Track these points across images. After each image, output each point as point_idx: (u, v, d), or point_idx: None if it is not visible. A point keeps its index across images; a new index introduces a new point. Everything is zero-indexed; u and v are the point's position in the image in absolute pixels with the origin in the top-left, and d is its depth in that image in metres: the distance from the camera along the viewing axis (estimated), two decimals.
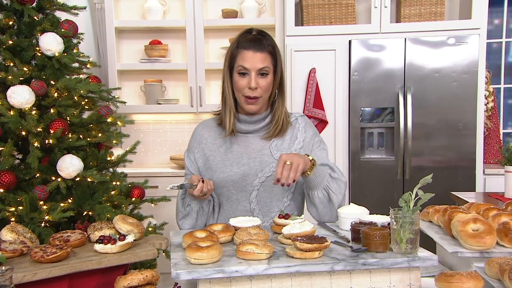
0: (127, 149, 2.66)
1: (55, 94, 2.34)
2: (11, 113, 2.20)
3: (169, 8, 3.92)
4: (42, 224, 2.20)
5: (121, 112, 3.46)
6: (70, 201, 2.32)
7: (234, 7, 3.86)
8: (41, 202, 2.23)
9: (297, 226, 1.35)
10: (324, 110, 3.44)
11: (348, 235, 1.38)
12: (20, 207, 2.17)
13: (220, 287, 1.16)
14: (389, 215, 1.29)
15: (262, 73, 1.65)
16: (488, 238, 1.30)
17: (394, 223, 1.23)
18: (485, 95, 3.55)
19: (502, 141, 3.89)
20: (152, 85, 3.90)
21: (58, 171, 2.26)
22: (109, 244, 1.34)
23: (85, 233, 1.48)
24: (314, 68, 3.44)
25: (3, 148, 2.23)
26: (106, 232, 1.45)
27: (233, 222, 1.46)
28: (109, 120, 2.55)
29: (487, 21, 3.43)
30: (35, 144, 2.20)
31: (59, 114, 2.37)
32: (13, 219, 2.18)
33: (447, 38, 3.37)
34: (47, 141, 2.26)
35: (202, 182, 1.58)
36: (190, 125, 4.00)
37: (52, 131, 2.26)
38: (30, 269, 1.23)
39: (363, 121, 3.45)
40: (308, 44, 3.46)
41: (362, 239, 1.26)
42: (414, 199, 1.24)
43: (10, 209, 2.17)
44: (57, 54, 2.34)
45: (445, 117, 3.40)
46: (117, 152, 2.62)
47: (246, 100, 1.67)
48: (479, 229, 1.33)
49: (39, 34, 2.36)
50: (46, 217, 2.17)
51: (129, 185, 2.66)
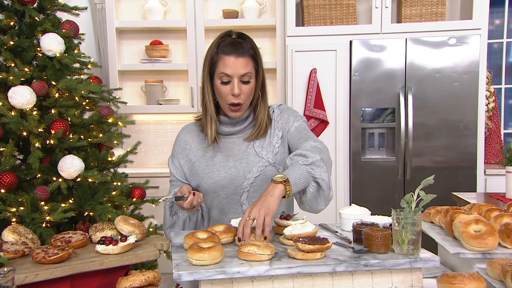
0: (128, 150, 2.66)
1: (56, 95, 2.34)
2: (12, 113, 2.20)
3: (170, 8, 3.92)
4: (43, 225, 2.20)
5: (122, 112, 3.46)
6: (71, 201, 2.32)
7: (234, 7, 3.86)
8: (42, 203, 2.23)
9: (299, 227, 1.35)
10: (325, 111, 3.44)
11: (350, 236, 1.38)
12: (21, 208, 2.17)
13: None
14: (390, 215, 1.29)
15: (245, 79, 1.61)
16: (490, 239, 1.30)
17: (396, 224, 1.23)
18: (486, 95, 3.55)
19: (503, 142, 3.89)
20: (153, 85, 3.90)
21: (59, 171, 2.26)
22: (110, 245, 1.34)
23: (86, 234, 1.48)
24: (315, 68, 3.44)
25: (4, 148, 2.23)
26: (108, 233, 1.45)
27: (235, 223, 1.46)
28: (110, 120, 2.55)
29: (488, 22, 3.43)
30: (36, 145, 2.20)
31: (60, 114, 2.37)
32: (14, 219, 2.18)
33: (448, 38, 3.37)
34: (48, 141, 2.26)
35: (193, 194, 1.55)
36: None
37: (53, 132, 2.26)
38: (32, 270, 1.23)
39: (364, 121, 3.45)
40: (309, 45, 3.46)
41: (364, 240, 1.26)
42: (416, 200, 1.24)
43: (11, 210, 2.17)
44: (58, 55, 2.34)
45: (446, 117, 3.40)
46: (118, 152, 2.62)
47: (230, 108, 1.63)
48: (481, 230, 1.33)
49: (40, 35, 2.36)
50: (47, 218, 2.17)
51: (130, 186, 2.66)
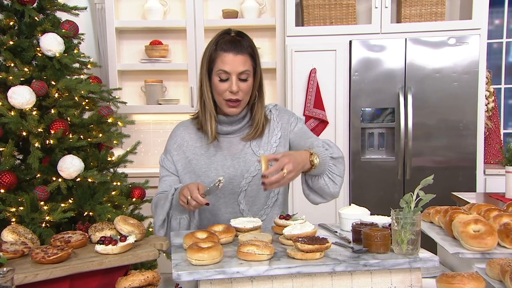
0: (128, 150, 2.66)
1: (56, 95, 2.34)
2: (12, 113, 2.20)
3: (170, 8, 3.92)
4: (43, 225, 2.20)
5: (121, 112, 3.46)
6: (70, 201, 2.32)
7: (234, 7, 3.86)
8: (42, 203, 2.23)
9: (298, 227, 1.35)
10: (324, 110, 3.44)
11: (349, 236, 1.38)
12: (21, 208, 2.17)
13: None
14: (390, 215, 1.29)
15: (243, 77, 1.61)
16: (489, 239, 1.30)
17: (395, 224, 1.23)
18: (485, 95, 3.55)
19: (502, 142, 3.89)
20: (153, 85, 3.90)
21: (59, 171, 2.26)
22: (110, 245, 1.35)
23: (86, 234, 1.48)
24: (315, 68, 3.44)
25: (3, 148, 2.23)
26: (107, 233, 1.45)
27: (234, 223, 1.46)
28: (109, 120, 2.55)
29: (487, 22, 3.43)
30: (36, 145, 2.20)
31: (60, 114, 2.37)
32: (13, 219, 2.18)
33: (447, 38, 3.37)
34: (47, 141, 2.26)
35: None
36: None
37: (52, 132, 2.26)
38: (31, 270, 1.23)
39: (364, 121, 3.45)
40: (308, 45, 3.46)
41: (363, 240, 1.26)
42: (415, 200, 1.24)
43: (10, 210, 2.17)
44: (57, 55, 2.34)
45: (446, 117, 3.40)
46: (117, 152, 2.62)
47: (228, 104, 1.63)
48: (480, 230, 1.33)
49: (39, 35, 2.36)
50: (47, 218, 2.17)
51: (130, 186, 2.66)
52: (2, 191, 2.18)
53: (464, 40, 3.36)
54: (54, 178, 2.29)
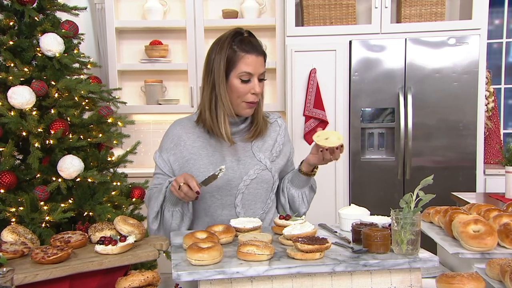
0: (128, 150, 2.66)
1: (56, 95, 2.34)
2: (12, 113, 2.20)
3: (170, 8, 3.92)
4: (43, 225, 2.20)
5: (121, 112, 3.46)
6: (70, 201, 2.33)
7: (234, 7, 3.86)
8: (42, 203, 2.23)
9: (298, 227, 1.35)
10: (324, 110, 3.44)
11: (349, 236, 1.38)
12: (21, 208, 2.17)
13: None
14: (389, 216, 1.29)
15: (262, 77, 1.62)
16: (489, 239, 1.30)
17: (395, 224, 1.23)
18: (485, 96, 3.55)
19: (502, 142, 3.89)
20: (153, 85, 3.90)
21: (59, 171, 2.27)
22: (110, 245, 1.34)
23: (86, 234, 1.48)
24: (315, 68, 3.44)
25: (3, 148, 2.23)
26: (107, 233, 1.45)
27: (234, 223, 1.46)
28: (109, 120, 2.55)
29: (487, 22, 3.43)
30: (36, 145, 2.20)
31: (60, 114, 2.37)
32: (13, 219, 2.18)
33: (447, 38, 3.37)
34: (47, 141, 2.26)
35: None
36: None
37: (52, 132, 2.26)
38: (31, 270, 1.23)
39: (364, 121, 3.45)
40: (308, 45, 3.46)
41: (363, 240, 1.26)
42: (415, 200, 1.24)
43: (10, 210, 2.17)
44: (57, 55, 2.34)
45: (446, 117, 3.40)
46: (117, 152, 2.62)
47: (248, 105, 1.62)
48: (480, 230, 1.33)
49: (39, 35, 2.36)
50: (47, 218, 2.17)
51: (130, 186, 2.67)
52: (2, 191, 2.18)
53: (464, 40, 3.36)
54: (54, 178, 2.29)
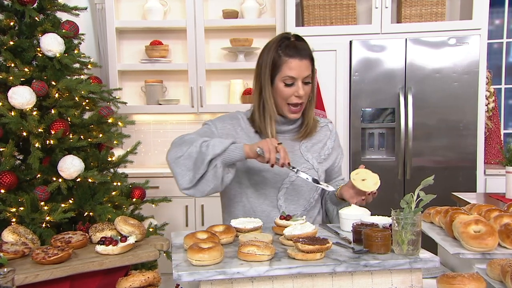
0: (128, 150, 2.66)
1: (56, 95, 2.34)
2: (12, 113, 2.20)
3: (170, 8, 3.92)
4: (43, 225, 2.20)
5: (121, 112, 3.46)
6: (71, 201, 2.33)
7: (234, 7, 3.85)
8: (42, 203, 2.23)
9: (299, 227, 1.35)
10: (325, 111, 3.44)
11: (350, 237, 1.38)
12: (21, 208, 2.17)
13: None
14: (390, 216, 1.29)
15: (306, 80, 1.68)
16: (490, 240, 1.30)
17: (396, 224, 1.23)
18: (486, 96, 3.55)
19: (503, 142, 3.89)
20: (153, 85, 3.90)
21: (59, 171, 2.27)
22: (110, 245, 1.35)
23: (86, 234, 1.48)
24: (315, 68, 3.43)
25: (4, 148, 2.23)
26: (108, 233, 1.45)
27: (234, 223, 1.46)
28: (110, 120, 2.55)
29: (488, 22, 3.42)
30: (36, 145, 2.20)
31: (60, 114, 2.37)
32: (14, 219, 2.18)
33: (448, 38, 3.37)
34: (48, 141, 2.26)
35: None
36: (191, 125, 4.00)
37: (53, 132, 2.26)
38: (32, 270, 1.23)
39: (364, 121, 3.45)
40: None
41: (364, 240, 1.26)
42: (416, 200, 1.24)
43: (11, 210, 2.17)
44: (58, 55, 2.34)
45: (446, 117, 3.40)
46: (117, 152, 2.63)
47: (291, 109, 1.69)
48: (480, 231, 1.33)
49: (40, 35, 2.36)
50: (47, 218, 2.17)
51: (130, 186, 2.67)
52: (2, 191, 2.18)
53: (464, 40, 3.35)
54: (54, 178, 2.29)
